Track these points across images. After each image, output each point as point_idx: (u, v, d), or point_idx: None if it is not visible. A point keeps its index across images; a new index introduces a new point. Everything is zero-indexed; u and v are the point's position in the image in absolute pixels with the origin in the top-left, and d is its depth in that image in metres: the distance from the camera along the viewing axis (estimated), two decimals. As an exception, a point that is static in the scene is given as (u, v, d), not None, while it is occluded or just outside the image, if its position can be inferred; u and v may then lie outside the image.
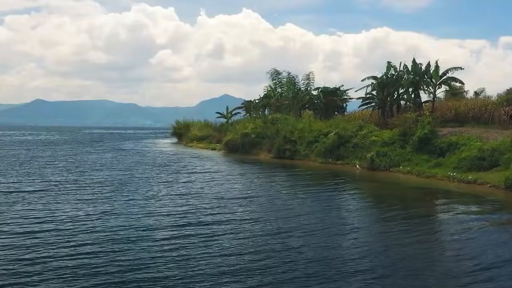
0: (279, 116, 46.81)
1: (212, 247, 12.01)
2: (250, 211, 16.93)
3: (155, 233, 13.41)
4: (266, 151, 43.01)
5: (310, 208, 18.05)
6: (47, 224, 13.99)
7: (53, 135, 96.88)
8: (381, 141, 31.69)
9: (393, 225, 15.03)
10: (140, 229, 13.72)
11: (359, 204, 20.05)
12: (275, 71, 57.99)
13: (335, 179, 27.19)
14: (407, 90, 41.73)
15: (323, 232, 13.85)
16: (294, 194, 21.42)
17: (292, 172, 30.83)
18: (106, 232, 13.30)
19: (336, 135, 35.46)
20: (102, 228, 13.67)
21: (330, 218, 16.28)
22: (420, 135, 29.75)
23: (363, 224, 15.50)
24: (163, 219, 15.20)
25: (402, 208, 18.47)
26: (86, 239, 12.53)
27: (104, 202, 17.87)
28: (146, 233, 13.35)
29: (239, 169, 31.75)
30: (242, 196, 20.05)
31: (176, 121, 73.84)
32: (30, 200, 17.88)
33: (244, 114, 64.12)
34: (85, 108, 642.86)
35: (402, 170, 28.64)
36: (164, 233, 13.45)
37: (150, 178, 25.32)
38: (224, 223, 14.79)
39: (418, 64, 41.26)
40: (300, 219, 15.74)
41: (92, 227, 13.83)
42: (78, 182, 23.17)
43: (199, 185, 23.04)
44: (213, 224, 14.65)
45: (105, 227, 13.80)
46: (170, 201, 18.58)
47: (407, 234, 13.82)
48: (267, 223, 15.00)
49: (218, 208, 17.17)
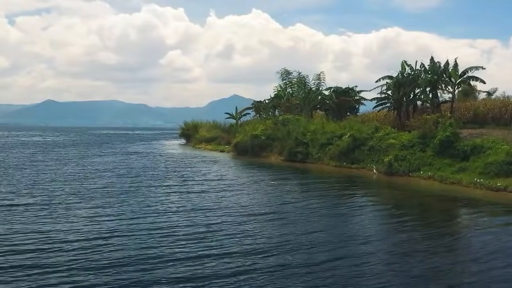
0: (290, 117, 45.15)
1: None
2: (267, 228, 15.11)
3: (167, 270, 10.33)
4: (276, 154, 41.39)
5: (328, 220, 16.33)
6: (31, 251, 12.45)
7: (61, 137, 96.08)
8: (400, 144, 29.78)
9: (417, 242, 13.27)
10: (148, 261, 10.91)
11: (379, 215, 18.19)
12: (285, 71, 56.78)
13: (351, 185, 25.49)
14: (424, 90, 39.90)
15: (345, 249, 12.18)
16: (310, 204, 19.61)
17: (306, 178, 29.06)
18: (106, 265, 10.68)
19: (351, 137, 33.70)
20: (98, 261, 10.90)
21: (350, 231, 14.54)
22: (442, 137, 27.85)
23: (384, 239, 13.75)
24: (176, 249, 11.89)
25: (425, 220, 16.66)
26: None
27: (101, 223, 14.70)
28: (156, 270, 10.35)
29: (251, 175, 29.42)
30: (259, 212, 17.27)
31: (184, 122, 72.64)
32: (22, 214, 16.31)
33: (254, 115, 62.63)
34: (95, 108, 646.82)
35: (423, 175, 26.77)
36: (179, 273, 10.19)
37: (158, 188, 22.44)
38: (246, 246, 12.58)
39: (436, 62, 39.47)
40: (318, 233, 14.06)
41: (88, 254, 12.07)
42: (77, 192, 20.50)
43: (212, 197, 20.11)
44: (238, 253, 11.77)
45: (104, 259, 11.04)
46: (184, 219, 15.49)
47: (432, 255, 12.05)
48: (288, 239, 13.32)
49: (235, 226, 14.63)
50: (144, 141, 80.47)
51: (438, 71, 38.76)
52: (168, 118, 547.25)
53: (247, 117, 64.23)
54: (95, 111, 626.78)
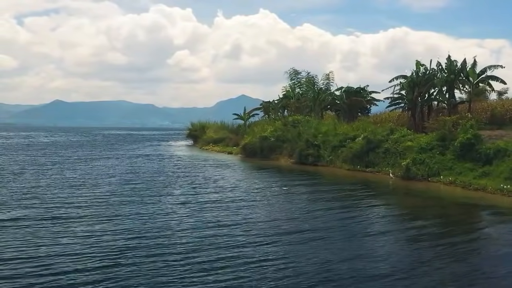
0: (301, 118, 43.74)
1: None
2: (283, 241, 13.85)
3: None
4: (286, 156, 40.02)
5: (345, 233, 14.95)
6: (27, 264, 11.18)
7: (67, 137, 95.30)
8: (418, 147, 28.23)
9: (442, 259, 11.86)
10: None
11: (399, 227, 16.67)
12: (294, 71, 55.65)
13: (367, 191, 24.06)
14: (440, 90, 38.32)
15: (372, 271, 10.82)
16: (326, 214, 18.24)
17: (319, 183, 27.58)
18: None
19: (365, 140, 32.23)
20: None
21: (369, 249, 13.16)
22: (463, 140, 26.34)
23: (406, 255, 12.36)
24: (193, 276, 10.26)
25: (450, 233, 15.08)
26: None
27: (99, 243, 12.57)
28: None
29: (263, 181, 27.25)
30: (278, 228, 15.30)
31: (191, 122, 71.52)
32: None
33: (262, 116, 61.31)
34: (103, 108, 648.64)
35: (443, 180, 25.26)
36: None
37: (167, 197, 20.18)
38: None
39: (453, 61, 37.88)
40: (334, 246, 12.71)
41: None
42: (70, 205, 17.76)
43: (226, 209, 17.90)
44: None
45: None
46: (198, 239, 13.38)
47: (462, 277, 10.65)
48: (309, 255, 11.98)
49: (253, 248, 12.73)
50: (151, 142, 79.38)
51: (455, 70, 37.19)
52: (175, 118, 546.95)
53: (255, 118, 62.99)
54: (103, 111, 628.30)
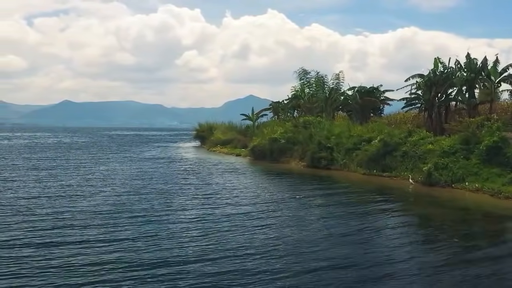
0: (312, 118, 41.96)
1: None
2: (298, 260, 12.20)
3: None
4: (297, 159, 38.28)
5: (365, 250, 13.26)
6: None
7: (71, 138, 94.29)
8: (440, 150, 26.35)
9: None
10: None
11: (424, 251, 15.00)
12: (303, 71, 53.98)
13: (386, 199, 22.18)
14: (460, 90, 36.40)
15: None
16: (346, 227, 16.59)
17: (333, 190, 25.15)
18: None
19: (381, 142, 30.43)
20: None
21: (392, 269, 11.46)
22: (489, 143, 24.49)
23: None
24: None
25: (483, 255, 13.37)
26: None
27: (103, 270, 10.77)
28: None
29: (275, 188, 25.32)
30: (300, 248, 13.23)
31: (198, 123, 70.14)
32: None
33: (272, 116, 59.62)
34: (112, 109, 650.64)
35: (468, 186, 23.41)
36: None
37: (175, 213, 17.40)
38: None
39: (473, 59, 35.93)
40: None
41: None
42: (60, 222, 15.37)
43: (242, 225, 15.61)
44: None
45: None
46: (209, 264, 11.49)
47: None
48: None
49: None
50: (158, 143, 78.09)
51: (476, 68, 35.25)
52: (183, 118, 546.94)
53: (263, 118, 61.36)
54: (111, 111, 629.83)
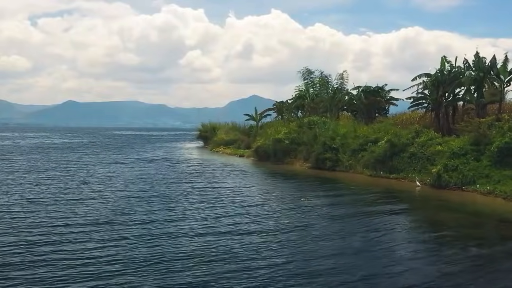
0: (317, 119, 41.19)
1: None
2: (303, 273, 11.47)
3: None
4: (301, 160, 37.58)
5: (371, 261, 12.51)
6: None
7: (77, 139, 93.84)
8: (449, 152, 25.54)
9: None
10: None
11: (434, 262, 14.20)
12: (307, 70, 53.47)
13: (394, 203, 21.28)
14: (468, 89, 35.53)
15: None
16: (353, 236, 15.84)
17: (339, 193, 24.47)
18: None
19: (388, 143, 29.65)
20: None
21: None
22: (500, 144, 23.69)
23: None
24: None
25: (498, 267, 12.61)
26: None
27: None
28: None
29: (279, 189, 25.14)
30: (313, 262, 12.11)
31: (201, 123, 69.62)
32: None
33: (275, 116, 58.90)
34: (115, 109, 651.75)
35: (480, 189, 22.61)
36: None
37: (182, 221, 16.21)
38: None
39: (481, 58, 35.06)
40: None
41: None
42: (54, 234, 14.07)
43: (248, 232, 14.96)
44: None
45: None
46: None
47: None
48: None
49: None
50: (161, 143, 77.74)
51: (485, 67, 34.39)
52: (187, 118, 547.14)
53: (267, 118, 60.64)
54: (115, 111, 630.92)
